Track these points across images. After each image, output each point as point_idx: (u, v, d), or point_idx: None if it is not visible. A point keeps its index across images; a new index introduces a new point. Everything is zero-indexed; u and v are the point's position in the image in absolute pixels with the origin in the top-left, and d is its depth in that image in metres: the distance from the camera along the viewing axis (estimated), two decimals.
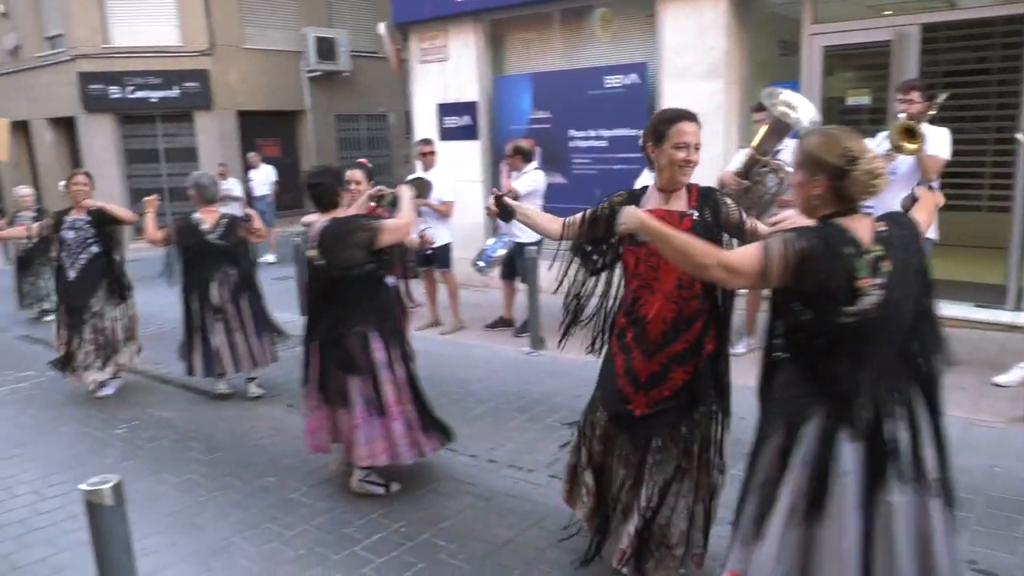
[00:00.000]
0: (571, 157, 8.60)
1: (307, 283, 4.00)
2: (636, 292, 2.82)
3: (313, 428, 4.01)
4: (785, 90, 5.16)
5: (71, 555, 3.53)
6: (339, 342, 3.77)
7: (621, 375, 2.83)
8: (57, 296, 6.00)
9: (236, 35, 16.23)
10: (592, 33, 8.64)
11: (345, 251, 3.72)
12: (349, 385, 3.78)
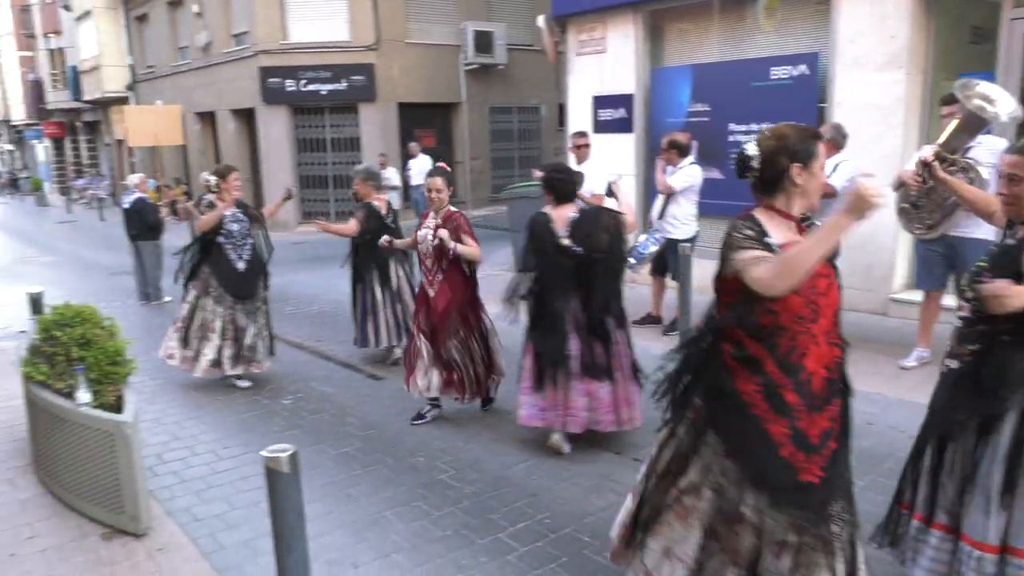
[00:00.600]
0: (730, 152, 8.28)
1: (545, 271, 4.23)
2: (793, 339, 2.29)
3: (544, 406, 4.28)
4: (982, 82, 4.69)
5: (244, 513, 3.83)
6: (601, 318, 4.17)
7: (785, 443, 2.28)
8: (222, 288, 5.77)
9: (400, 30, 16.93)
10: (756, 22, 8.26)
11: (599, 236, 4.12)
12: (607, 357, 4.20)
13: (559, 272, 4.16)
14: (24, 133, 39.38)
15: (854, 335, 6.67)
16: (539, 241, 4.21)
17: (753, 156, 2.35)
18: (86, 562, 3.40)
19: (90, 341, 3.93)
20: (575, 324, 4.17)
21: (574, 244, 4.13)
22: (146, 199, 9.58)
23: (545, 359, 4.20)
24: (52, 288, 7.01)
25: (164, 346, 5.96)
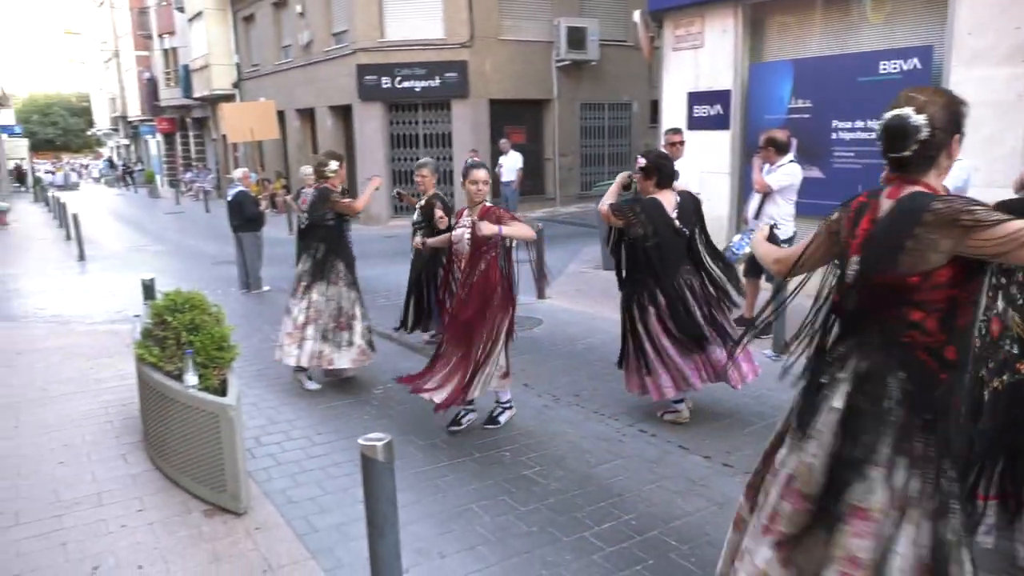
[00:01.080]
0: (832, 150, 7.95)
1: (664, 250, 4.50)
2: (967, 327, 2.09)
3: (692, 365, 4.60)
4: None
5: (335, 498, 3.95)
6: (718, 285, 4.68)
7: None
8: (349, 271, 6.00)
9: (494, 27, 17.05)
10: (862, 15, 7.88)
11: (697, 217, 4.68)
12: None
13: (675, 250, 4.55)
14: (139, 128, 41.88)
15: None
16: (657, 222, 4.48)
17: (921, 126, 2.00)
18: (189, 536, 3.58)
19: (198, 326, 4.14)
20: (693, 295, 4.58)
21: (683, 225, 4.55)
22: (248, 192, 10.00)
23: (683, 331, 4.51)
24: (161, 276, 7.42)
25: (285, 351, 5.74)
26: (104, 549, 3.47)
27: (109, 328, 7.92)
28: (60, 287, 10.78)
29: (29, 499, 3.98)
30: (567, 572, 3.19)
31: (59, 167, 48.73)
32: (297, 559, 3.37)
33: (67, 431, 4.94)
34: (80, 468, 4.37)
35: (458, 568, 3.25)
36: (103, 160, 54.99)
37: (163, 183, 36.62)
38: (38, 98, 62.48)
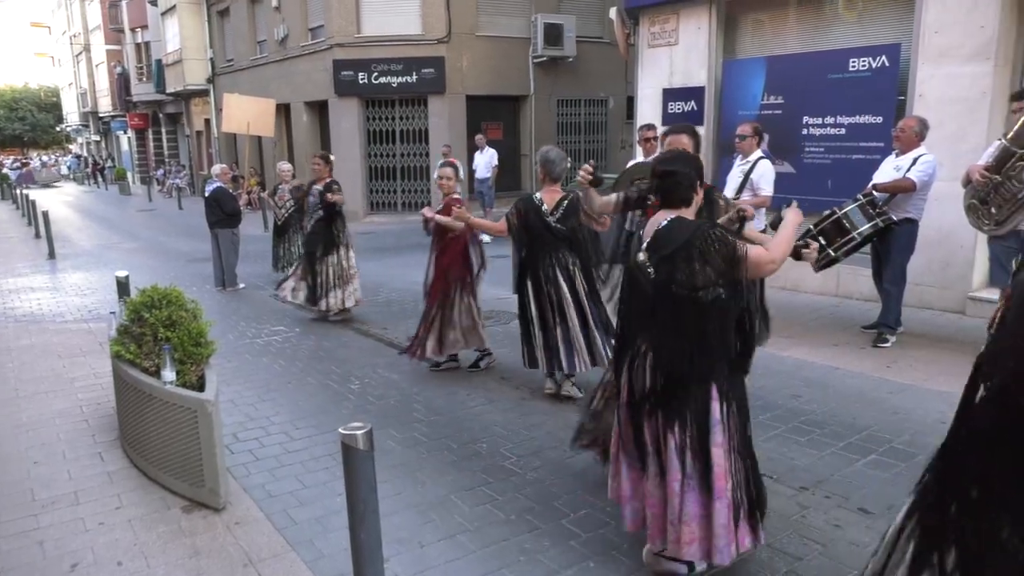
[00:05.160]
0: (804, 145, 8.09)
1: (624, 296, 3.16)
2: None
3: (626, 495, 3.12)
4: None
5: (314, 491, 3.97)
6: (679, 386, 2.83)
7: None
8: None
9: (471, 23, 17.05)
10: (835, 13, 8.03)
11: (690, 265, 2.77)
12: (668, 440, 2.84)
13: (638, 297, 2.99)
14: (110, 124, 41.28)
15: (929, 334, 6.51)
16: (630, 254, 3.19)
17: None
18: (168, 532, 3.59)
19: (176, 323, 4.13)
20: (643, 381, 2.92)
21: (648, 262, 2.91)
22: (226, 188, 9.94)
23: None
24: (135, 274, 7.37)
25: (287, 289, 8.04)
26: (82, 547, 3.47)
27: (81, 327, 7.85)
28: (30, 286, 10.64)
29: (4, 498, 3.96)
30: (545, 558, 3.25)
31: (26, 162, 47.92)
32: (277, 552, 3.39)
33: (42, 430, 4.91)
34: (56, 467, 4.35)
35: (438, 557, 3.30)
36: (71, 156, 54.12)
37: (135, 180, 36.14)
38: (4, 93, 61.26)
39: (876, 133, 7.36)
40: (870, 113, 7.45)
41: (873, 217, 5.83)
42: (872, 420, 4.59)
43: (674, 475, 2.81)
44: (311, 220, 7.85)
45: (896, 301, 6.13)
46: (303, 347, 6.94)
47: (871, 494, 3.71)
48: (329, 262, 7.73)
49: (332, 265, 7.74)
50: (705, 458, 2.79)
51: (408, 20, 16.85)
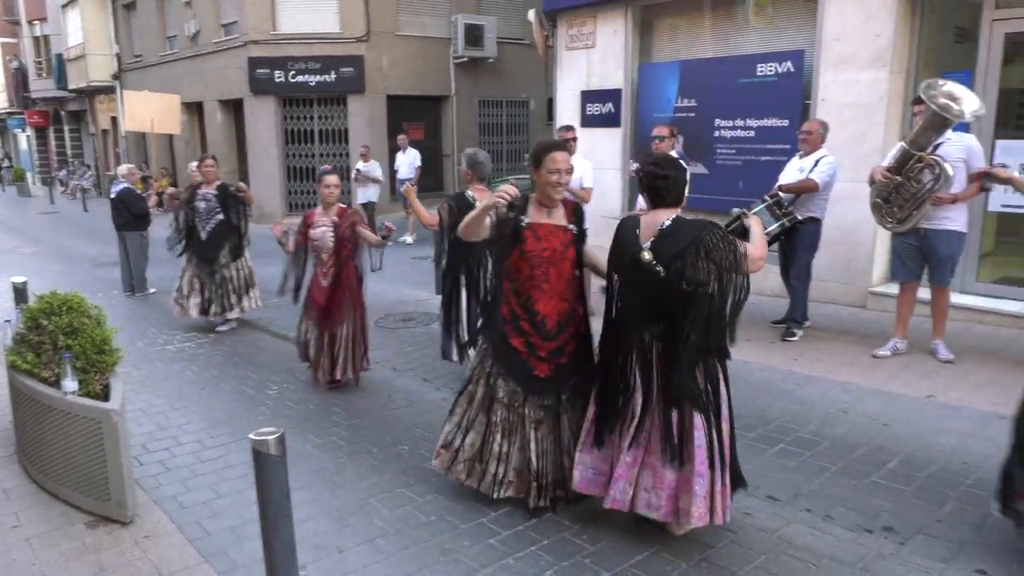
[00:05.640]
0: (716, 147, 8.36)
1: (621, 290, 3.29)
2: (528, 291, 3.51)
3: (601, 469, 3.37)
4: (948, 81, 4.81)
5: (229, 500, 3.86)
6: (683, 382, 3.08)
7: (522, 350, 3.59)
8: (190, 251, 7.44)
9: (391, 22, 16.88)
10: (745, 19, 8.33)
11: (697, 262, 2.99)
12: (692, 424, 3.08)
13: (635, 295, 3.20)
14: (7, 122, 38.94)
15: (833, 327, 6.80)
16: (619, 248, 3.26)
17: None
18: (72, 549, 3.42)
19: (77, 330, 3.94)
20: (643, 374, 3.17)
21: (656, 261, 3.07)
22: (133, 189, 9.55)
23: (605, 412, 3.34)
24: (35, 279, 7.01)
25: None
26: None
27: None
28: None
29: None
30: (465, 557, 3.25)
31: None
32: (189, 564, 3.28)
33: None
34: None
35: (356, 561, 3.26)
36: None
37: (35, 181, 34.22)
38: None
39: (783, 135, 7.67)
40: (777, 116, 7.76)
41: (780, 217, 6.07)
42: (780, 411, 4.79)
43: (701, 457, 3.06)
44: (207, 225, 7.31)
45: (802, 297, 6.41)
46: (217, 353, 6.73)
47: (779, 482, 3.87)
48: (236, 267, 7.41)
49: (241, 270, 7.44)
50: (720, 435, 3.12)
51: (326, 18, 16.55)
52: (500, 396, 3.53)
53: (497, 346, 3.54)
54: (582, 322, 3.60)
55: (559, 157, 3.40)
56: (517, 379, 3.49)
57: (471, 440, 3.63)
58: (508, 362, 3.51)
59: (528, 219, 3.44)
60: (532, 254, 3.42)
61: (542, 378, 3.48)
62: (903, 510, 3.52)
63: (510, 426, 3.54)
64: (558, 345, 3.50)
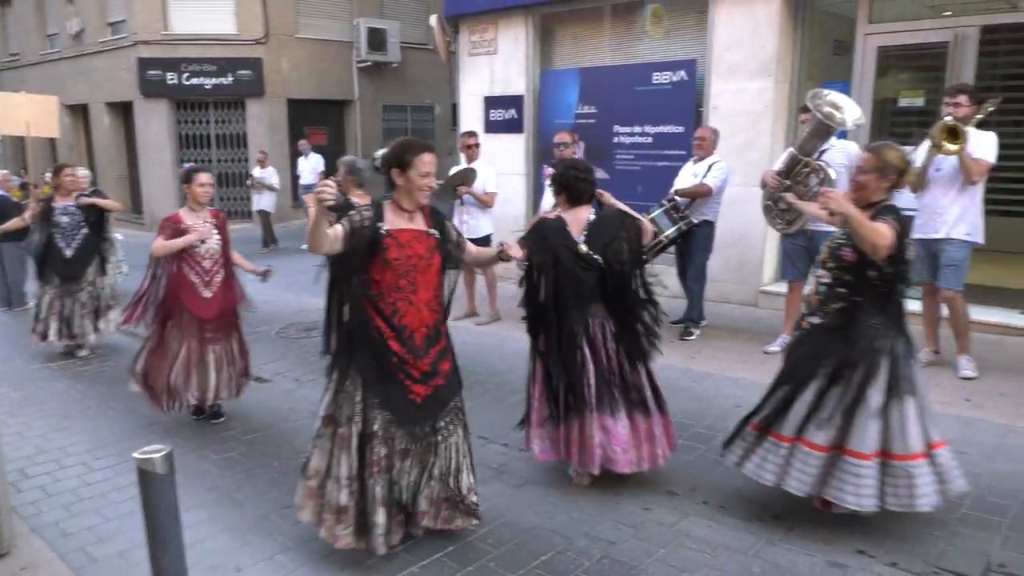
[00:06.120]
0: (616, 153, 8.58)
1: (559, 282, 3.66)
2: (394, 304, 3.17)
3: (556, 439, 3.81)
4: (831, 91, 5.10)
5: (117, 524, 3.67)
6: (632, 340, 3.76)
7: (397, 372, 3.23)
8: (50, 271, 6.65)
9: (290, 24, 16.49)
10: (643, 29, 8.59)
11: (619, 244, 3.70)
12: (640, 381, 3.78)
13: (577, 285, 3.68)
14: None
15: (727, 326, 7.08)
16: (553, 248, 3.67)
17: (376, 158, 2.94)
18: None
19: None
20: (591, 347, 3.71)
21: (592, 252, 3.68)
22: (8, 197, 8.96)
23: (559, 387, 3.70)
24: None
25: None
26: None
27: None
28: None
29: None
30: (369, 568, 3.20)
31: None
32: None
33: None
34: None
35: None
36: None
37: None
38: None
39: (678, 142, 7.95)
40: (672, 123, 8.04)
41: (677, 221, 6.29)
42: (679, 408, 4.91)
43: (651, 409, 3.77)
44: (72, 242, 6.62)
45: (698, 297, 6.65)
46: (105, 369, 6.38)
47: (677, 477, 4.00)
48: (100, 285, 6.79)
49: (104, 288, 6.83)
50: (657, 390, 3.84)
51: (221, 18, 16.00)
52: (375, 430, 3.10)
53: (370, 373, 3.11)
54: (446, 335, 3.32)
55: (430, 159, 3.16)
56: (394, 408, 3.10)
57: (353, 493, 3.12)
58: (386, 389, 3.10)
59: (387, 225, 3.13)
60: (397, 262, 3.09)
61: (418, 403, 3.14)
62: (790, 497, 3.69)
63: (388, 463, 3.13)
64: (431, 363, 3.18)
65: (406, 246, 3.13)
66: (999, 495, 3.68)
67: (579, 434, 3.70)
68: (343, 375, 3.17)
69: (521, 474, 4.10)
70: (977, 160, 5.06)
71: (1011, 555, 3.18)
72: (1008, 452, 4.16)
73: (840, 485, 3.22)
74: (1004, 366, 5.50)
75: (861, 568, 3.12)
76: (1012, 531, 3.37)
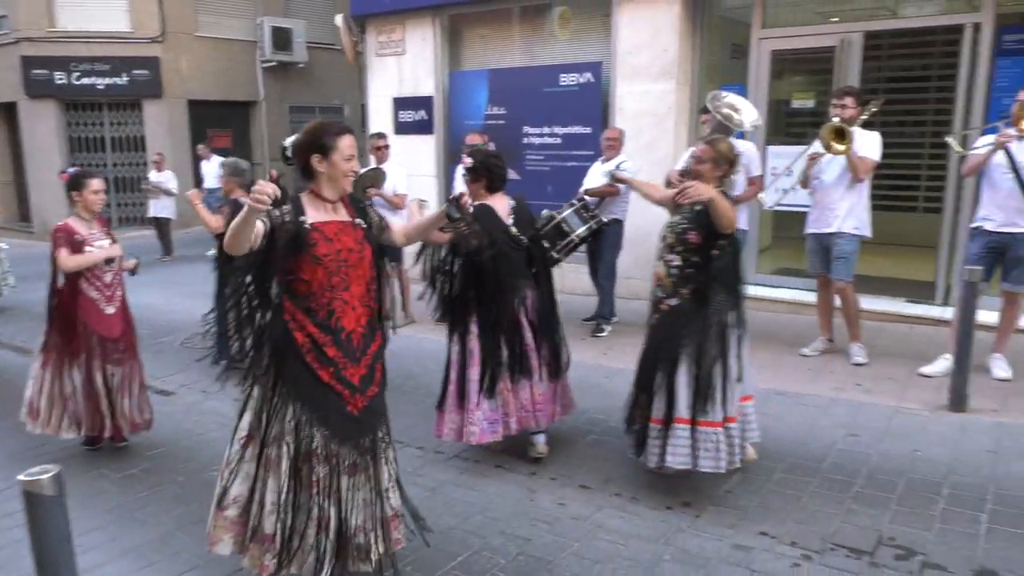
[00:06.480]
0: (525, 154, 8.66)
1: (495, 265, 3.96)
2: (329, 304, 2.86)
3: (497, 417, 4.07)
4: (729, 93, 5.31)
5: (7, 553, 3.45)
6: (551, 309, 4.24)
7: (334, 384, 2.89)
8: None
9: (189, 22, 15.88)
10: (551, 31, 8.70)
11: (532, 225, 4.28)
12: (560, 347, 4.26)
13: (510, 264, 4.04)
14: None
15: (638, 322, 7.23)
16: (489, 232, 3.90)
17: (287, 146, 2.87)
18: None
19: None
20: (527, 319, 4.10)
21: (520, 233, 4.11)
22: None
23: (497, 362, 4.00)
24: None
25: None
26: None
27: None
28: None
29: None
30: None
31: None
32: None
33: None
34: None
35: None
36: None
37: None
38: None
39: (586, 142, 8.10)
40: (580, 124, 8.18)
41: (587, 220, 6.39)
42: (591, 404, 5.04)
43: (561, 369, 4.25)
44: None
45: (609, 294, 6.80)
46: None
47: (591, 471, 4.08)
48: None
49: None
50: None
51: (114, 15, 15.25)
52: (315, 448, 2.78)
53: (303, 387, 2.80)
54: (382, 331, 3.05)
55: (351, 140, 2.89)
56: (333, 423, 2.81)
57: (282, 519, 2.80)
58: (323, 404, 2.80)
59: (309, 219, 2.81)
60: (328, 258, 2.78)
61: (356, 415, 2.86)
62: (698, 486, 3.84)
63: (331, 483, 2.81)
64: (368, 366, 2.91)
65: (334, 239, 2.83)
66: (888, 473, 3.92)
67: (530, 398, 4.09)
68: (268, 391, 2.84)
69: (437, 476, 4.09)
70: (863, 158, 5.37)
71: (900, 529, 3.40)
72: (896, 433, 4.44)
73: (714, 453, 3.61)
74: (892, 351, 5.86)
75: (764, 549, 3.27)
76: (900, 506, 3.60)
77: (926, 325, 6.44)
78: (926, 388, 5.11)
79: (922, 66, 8.62)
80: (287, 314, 2.81)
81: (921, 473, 3.92)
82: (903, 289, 7.05)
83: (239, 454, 2.88)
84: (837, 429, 4.52)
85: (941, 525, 3.42)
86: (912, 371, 5.39)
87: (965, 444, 4.26)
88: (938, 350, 5.50)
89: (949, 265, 6.63)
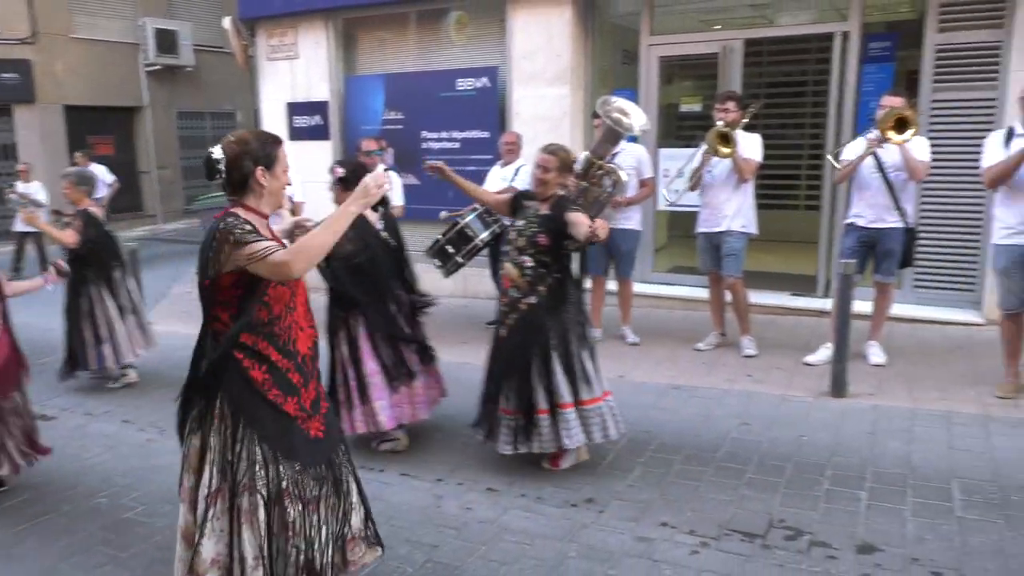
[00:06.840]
0: (424, 158, 8.58)
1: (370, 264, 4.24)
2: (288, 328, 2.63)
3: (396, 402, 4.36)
4: (618, 98, 5.46)
5: None
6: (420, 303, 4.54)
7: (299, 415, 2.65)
8: None
9: (63, 23, 14.98)
10: (447, 36, 8.69)
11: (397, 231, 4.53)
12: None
13: (385, 266, 4.33)
14: None
15: None
16: (363, 237, 4.18)
17: (219, 160, 2.51)
18: None
19: None
20: (404, 314, 4.41)
21: (390, 237, 4.41)
22: None
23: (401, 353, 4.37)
24: None
25: None
26: None
27: None
28: None
29: None
30: None
31: None
32: None
33: None
34: None
35: None
36: None
37: None
38: None
39: (485, 147, 8.14)
40: (478, 128, 8.21)
41: (490, 224, 6.43)
42: None
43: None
44: None
45: None
46: None
47: (496, 473, 4.10)
48: None
49: None
50: None
51: None
52: (285, 487, 2.54)
53: (266, 425, 2.54)
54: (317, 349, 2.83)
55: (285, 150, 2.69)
56: (300, 453, 2.59)
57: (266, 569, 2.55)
58: (290, 440, 2.57)
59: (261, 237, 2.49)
60: None
61: (321, 439, 2.67)
62: (601, 481, 3.94)
63: (304, 522, 2.60)
64: (316, 387, 2.72)
65: None
66: (777, 459, 4.13)
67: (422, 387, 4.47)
68: (227, 439, 2.53)
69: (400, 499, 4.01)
70: (747, 160, 5.64)
71: (788, 511, 3.58)
72: (783, 420, 4.68)
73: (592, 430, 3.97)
74: (779, 343, 6.17)
75: (664, 539, 3.38)
76: (788, 489, 3.80)
77: (810, 317, 6.82)
78: (810, 376, 5.42)
79: (799, 72, 9.14)
80: (240, 352, 2.50)
81: (807, 457, 4.15)
82: (788, 283, 7.45)
83: (205, 513, 2.54)
84: (730, 419, 4.73)
85: (826, 505, 3.63)
86: (798, 361, 5.70)
87: (845, 428, 4.54)
88: (821, 340, 5.84)
89: (828, 260, 7.05)
